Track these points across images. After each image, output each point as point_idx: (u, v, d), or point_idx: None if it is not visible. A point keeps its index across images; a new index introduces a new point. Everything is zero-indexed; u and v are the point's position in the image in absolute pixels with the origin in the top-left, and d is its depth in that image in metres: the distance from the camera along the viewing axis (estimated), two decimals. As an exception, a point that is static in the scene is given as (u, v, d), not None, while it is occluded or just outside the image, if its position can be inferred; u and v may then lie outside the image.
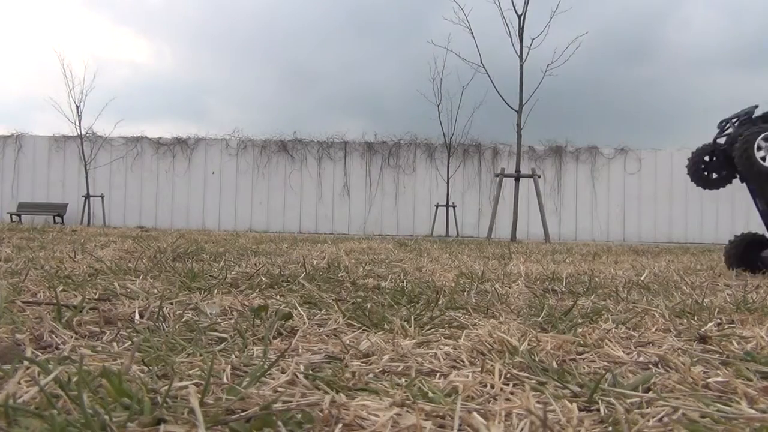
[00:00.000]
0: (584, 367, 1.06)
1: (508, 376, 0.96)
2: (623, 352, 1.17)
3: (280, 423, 0.69)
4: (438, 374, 0.98)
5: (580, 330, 1.37)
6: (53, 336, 1.14)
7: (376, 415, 0.73)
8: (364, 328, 1.36)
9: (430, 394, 0.83)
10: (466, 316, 1.55)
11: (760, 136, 3.26)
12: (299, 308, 1.51)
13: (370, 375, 0.96)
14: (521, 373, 0.97)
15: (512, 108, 11.42)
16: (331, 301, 1.71)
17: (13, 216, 17.86)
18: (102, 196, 18.16)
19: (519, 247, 6.56)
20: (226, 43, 38.45)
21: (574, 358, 1.13)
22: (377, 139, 19.32)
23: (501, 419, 0.74)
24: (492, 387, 0.90)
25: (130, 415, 0.68)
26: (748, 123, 3.55)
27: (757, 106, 3.72)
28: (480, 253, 4.85)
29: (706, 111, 30.89)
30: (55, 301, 1.38)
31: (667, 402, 0.82)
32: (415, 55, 32.42)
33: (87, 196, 17.62)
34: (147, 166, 19.12)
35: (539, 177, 12.15)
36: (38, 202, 18.73)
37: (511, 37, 11.40)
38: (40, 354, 1.03)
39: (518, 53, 11.29)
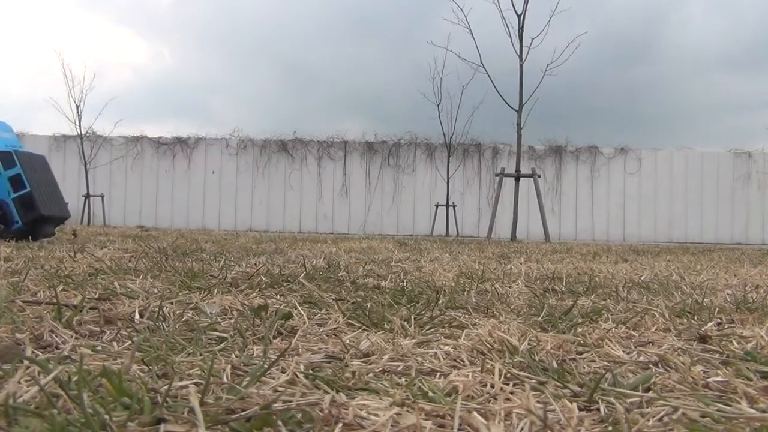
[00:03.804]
0: (584, 367, 1.06)
1: (508, 375, 0.95)
2: (623, 351, 1.17)
3: (280, 422, 0.69)
4: (438, 374, 0.98)
5: (580, 329, 1.37)
6: (53, 335, 1.14)
7: (376, 415, 0.73)
8: (364, 327, 1.36)
9: (430, 394, 0.83)
10: (466, 316, 1.55)
11: None
12: (299, 308, 1.51)
13: (370, 374, 0.96)
14: (521, 373, 0.97)
15: (512, 108, 11.42)
16: (331, 300, 1.71)
17: (13, 215, 17.86)
18: (102, 196, 18.16)
19: (519, 247, 6.56)
20: (226, 43, 38.43)
21: (574, 357, 1.13)
22: (377, 138, 19.33)
23: (501, 419, 0.74)
24: (492, 387, 0.90)
25: (130, 414, 0.68)
26: None
27: None
28: (480, 253, 4.85)
29: (706, 111, 30.91)
30: (55, 300, 1.38)
31: (667, 402, 0.82)
32: (415, 55, 32.43)
33: (87, 196, 17.62)
34: (147, 165, 19.12)
35: (539, 176, 12.14)
36: (38, 201, 18.72)
37: (510, 36, 11.39)
38: (40, 353, 1.04)
39: (518, 53, 11.28)
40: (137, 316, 1.38)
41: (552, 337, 1.24)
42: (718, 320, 1.58)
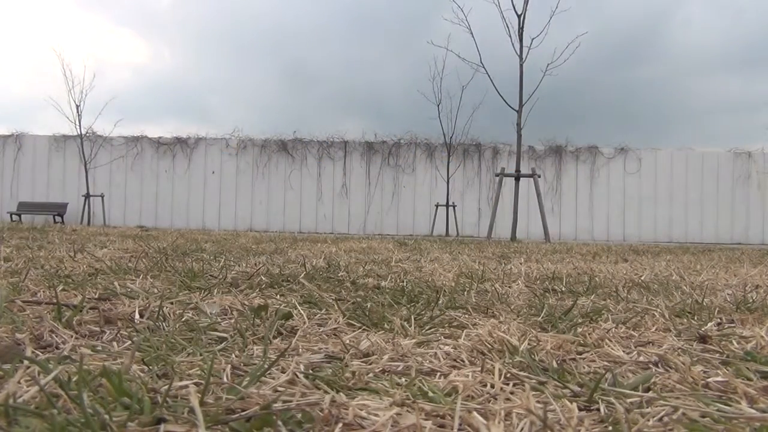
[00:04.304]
0: (584, 367, 1.06)
1: (508, 375, 0.95)
2: (623, 351, 1.17)
3: (280, 422, 0.69)
4: (438, 374, 0.98)
5: (580, 330, 1.37)
6: (53, 335, 1.14)
7: (376, 415, 0.73)
8: (364, 327, 1.36)
9: (430, 394, 0.83)
10: (466, 316, 1.55)
11: None
12: (299, 308, 1.51)
13: (370, 374, 0.96)
14: (521, 373, 0.97)
15: (512, 108, 11.42)
16: (331, 300, 1.71)
17: (13, 215, 17.86)
18: (102, 196, 18.17)
19: (519, 247, 6.56)
20: (227, 43, 38.47)
21: (574, 357, 1.13)
22: (377, 138, 19.33)
23: (501, 419, 0.74)
24: (492, 387, 0.90)
25: (130, 414, 0.68)
26: None
27: None
28: (480, 253, 4.85)
29: (705, 111, 30.94)
30: (55, 300, 1.38)
31: (667, 402, 0.82)
32: (415, 55, 32.46)
33: (87, 196, 17.62)
34: (147, 165, 19.12)
35: (539, 176, 12.14)
36: (38, 201, 18.73)
37: (510, 36, 11.40)
38: (40, 353, 1.03)
39: (518, 53, 11.28)
40: (137, 316, 1.38)
41: (552, 337, 1.24)
42: (718, 320, 1.58)
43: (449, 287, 2.17)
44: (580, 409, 0.80)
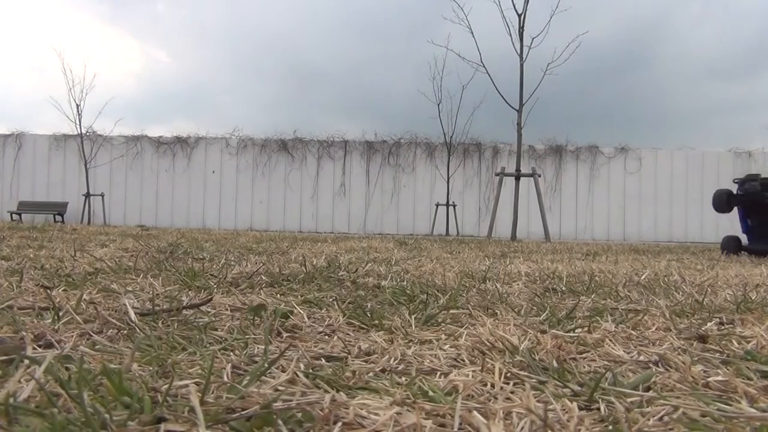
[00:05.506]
0: (584, 366, 1.06)
1: (509, 375, 0.95)
2: (623, 351, 1.17)
3: (280, 422, 0.69)
4: (438, 373, 0.98)
5: (580, 330, 1.37)
6: (53, 335, 1.14)
7: (376, 414, 0.73)
8: (364, 326, 1.36)
9: (431, 393, 0.83)
10: (467, 315, 1.55)
11: None
12: (299, 307, 1.51)
13: (371, 374, 0.96)
14: (521, 372, 0.97)
15: (512, 107, 11.41)
16: (331, 300, 1.71)
17: (14, 215, 17.87)
18: (102, 195, 18.17)
19: (519, 246, 6.56)
20: (228, 42, 38.48)
21: (574, 357, 1.13)
22: (377, 138, 19.34)
23: (501, 418, 0.74)
24: (492, 386, 0.90)
25: (130, 413, 0.68)
26: None
27: None
28: (480, 252, 4.85)
29: (705, 112, 30.95)
30: (55, 299, 1.38)
31: (667, 401, 0.82)
32: (416, 55, 32.47)
33: (87, 195, 17.63)
34: (147, 164, 19.13)
35: (539, 176, 12.15)
36: (38, 200, 18.74)
37: (511, 36, 11.40)
38: (40, 353, 1.03)
39: (518, 52, 11.28)
40: (137, 315, 1.37)
41: (552, 337, 1.24)
42: (719, 320, 1.58)
43: (450, 287, 2.17)
44: (580, 409, 0.80)
